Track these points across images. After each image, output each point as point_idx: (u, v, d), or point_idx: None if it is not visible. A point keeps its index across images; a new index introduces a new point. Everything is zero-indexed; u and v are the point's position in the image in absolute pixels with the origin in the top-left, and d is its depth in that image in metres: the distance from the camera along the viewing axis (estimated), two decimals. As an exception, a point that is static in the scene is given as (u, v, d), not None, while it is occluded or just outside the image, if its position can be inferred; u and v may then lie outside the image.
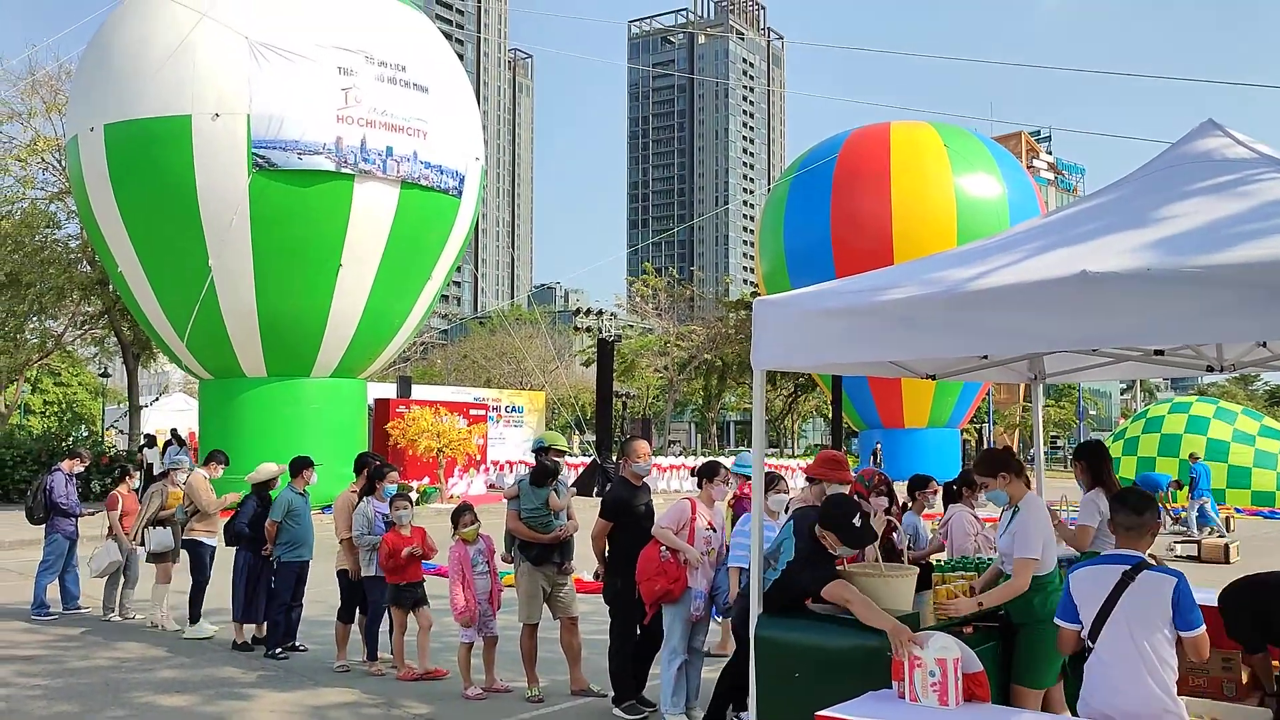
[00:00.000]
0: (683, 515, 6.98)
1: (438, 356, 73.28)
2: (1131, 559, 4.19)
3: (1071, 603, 4.31)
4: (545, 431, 13.96)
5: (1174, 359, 6.31)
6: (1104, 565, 4.26)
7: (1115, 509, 4.37)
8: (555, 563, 7.81)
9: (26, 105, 30.08)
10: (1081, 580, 4.30)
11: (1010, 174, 38.55)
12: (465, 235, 25.36)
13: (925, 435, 39.57)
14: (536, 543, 7.74)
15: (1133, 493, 4.43)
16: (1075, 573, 4.35)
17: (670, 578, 6.78)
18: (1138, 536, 4.26)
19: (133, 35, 22.07)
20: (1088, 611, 4.23)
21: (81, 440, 30.44)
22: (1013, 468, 5.60)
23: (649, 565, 6.84)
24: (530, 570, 7.76)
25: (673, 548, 6.84)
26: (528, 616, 7.73)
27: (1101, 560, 4.33)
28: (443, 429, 27.41)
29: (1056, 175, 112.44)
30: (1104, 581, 4.19)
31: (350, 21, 22.29)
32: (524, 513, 7.76)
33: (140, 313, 23.96)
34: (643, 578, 6.86)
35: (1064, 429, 75.04)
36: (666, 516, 7.05)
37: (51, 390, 55.51)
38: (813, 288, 5.26)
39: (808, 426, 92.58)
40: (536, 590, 7.75)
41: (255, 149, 21.12)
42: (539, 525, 7.73)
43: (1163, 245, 4.22)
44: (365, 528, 8.53)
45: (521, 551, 7.84)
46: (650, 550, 6.91)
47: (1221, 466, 25.63)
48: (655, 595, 6.83)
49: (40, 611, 11.03)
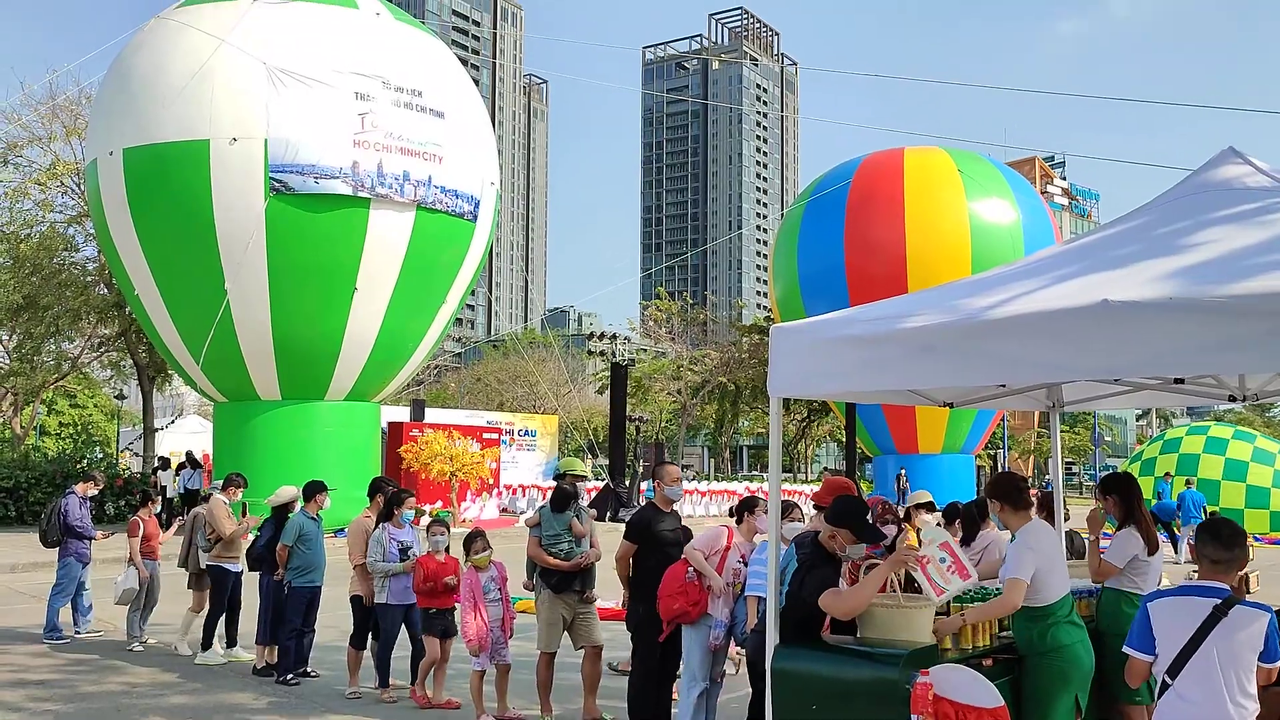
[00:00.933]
0: (717, 541, 6.90)
1: (451, 380, 73.38)
2: (1221, 592, 4.02)
3: (1149, 633, 4.11)
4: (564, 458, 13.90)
5: (1195, 387, 6.25)
6: (1191, 597, 4.07)
7: (1204, 541, 4.17)
8: (576, 590, 7.71)
9: (47, 130, 30.37)
10: (1164, 611, 4.10)
11: (1025, 199, 38.47)
12: (480, 259, 25.42)
13: (940, 461, 39.35)
14: (557, 570, 7.66)
15: (1225, 525, 4.24)
16: (1156, 602, 4.15)
17: (689, 599, 6.69)
18: (1225, 570, 4.10)
19: (152, 61, 22.28)
20: (1170, 644, 4.04)
21: (96, 463, 30.55)
22: (1011, 498, 5.50)
23: (672, 582, 6.78)
24: (551, 598, 7.67)
25: (699, 570, 6.76)
26: (546, 645, 7.65)
27: (1186, 591, 4.13)
28: (456, 453, 27.38)
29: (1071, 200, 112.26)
30: (1192, 614, 4.00)
31: (367, 47, 22.46)
32: (544, 539, 7.69)
33: (156, 335, 24.07)
34: (663, 593, 6.79)
35: (1079, 455, 74.56)
36: (701, 539, 6.98)
37: (67, 412, 55.77)
38: (830, 315, 5.23)
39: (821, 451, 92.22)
40: (556, 618, 7.66)
41: (272, 173, 21.25)
42: (560, 552, 7.64)
43: (1185, 274, 4.18)
44: (380, 554, 8.45)
45: (542, 579, 7.76)
46: (677, 567, 6.82)
47: (1240, 486, 25.53)
48: (672, 614, 6.76)
49: (53, 635, 11.00)
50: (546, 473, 37.06)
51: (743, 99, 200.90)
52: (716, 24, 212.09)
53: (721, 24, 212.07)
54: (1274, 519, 25.41)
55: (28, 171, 30.14)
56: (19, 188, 29.80)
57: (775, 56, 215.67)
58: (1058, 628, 5.27)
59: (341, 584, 9.51)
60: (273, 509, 9.62)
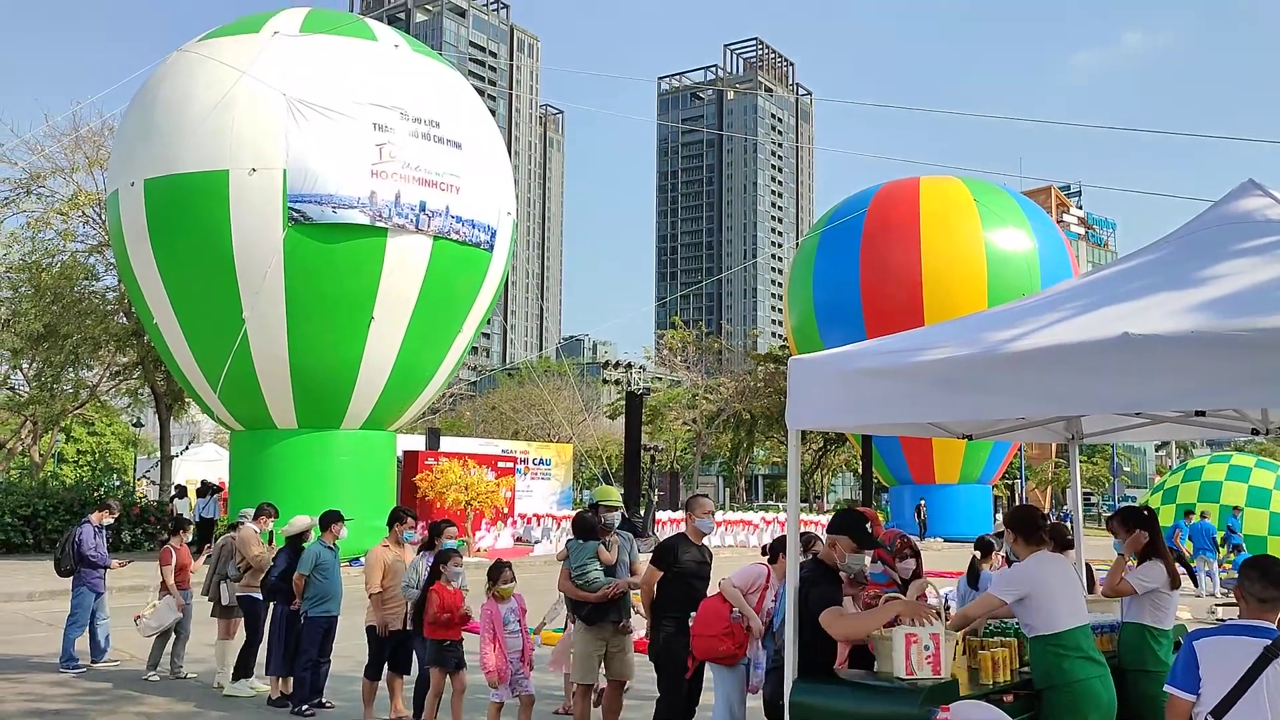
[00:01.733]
0: (756, 580, 6.78)
1: (466, 408, 73.46)
2: (1270, 632, 3.94)
3: (1195, 672, 4.01)
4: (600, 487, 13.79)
5: (1216, 420, 6.20)
6: (1239, 637, 3.98)
7: (1249, 578, 4.08)
8: (612, 621, 7.57)
9: (70, 160, 30.69)
10: (1213, 650, 4.00)
11: (1041, 228, 38.46)
12: (496, 289, 25.52)
13: (957, 491, 39.14)
14: (585, 601, 7.57)
15: (1275, 562, 4.16)
16: (1203, 640, 4.05)
17: (736, 642, 6.55)
18: (1273, 608, 4.01)
19: (174, 93, 22.54)
20: (1217, 685, 3.94)
21: (113, 490, 30.65)
22: (1025, 531, 5.47)
23: (717, 622, 6.59)
24: (584, 630, 7.58)
25: (742, 611, 6.62)
26: (581, 677, 7.56)
27: (1233, 630, 4.05)
28: (471, 481, 27.37)
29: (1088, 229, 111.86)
30: (1242, 655, 3.91)
31: (386, 79, 22.68)
32: (573, 570, 7.61)
33: (174, 363, 24.21)
34: (706, 632, 6.60)
35: (1098, 485, 73.98)
36: (739, 575, 6.83)
37: (85, 440, 56.06)
38: (848, 347, 5.22)
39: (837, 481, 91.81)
40: (590, 650, 7.54)
41: (290, 203, 21.42)
42: (584, 583, 7.58)
43: (1206, 307, 4.16)
44: (415, 580, 8.26)
45: (574, 611, 7.69)
46: (721, 607, 6.66)
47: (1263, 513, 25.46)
48: (716, 655, 6.59)
49: (69, 664, 10.97)
50: (562, 502, 37.00)
51: (757, 128, 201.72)
52: (731, 54, 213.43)
53: (736, 54, 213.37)
54: None
55: (50, 202, 30.46)
56: (41, 217, 30.11)
57: (790, 86, 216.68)
58: (1071, 660, 5.19)
59: (358, 613, 9.47)
60: (287, 539, 9.59)
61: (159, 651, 10.68)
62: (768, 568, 6.88)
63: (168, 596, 10.57)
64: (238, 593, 10.09)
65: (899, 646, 4.86)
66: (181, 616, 10.63)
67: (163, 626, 10.51)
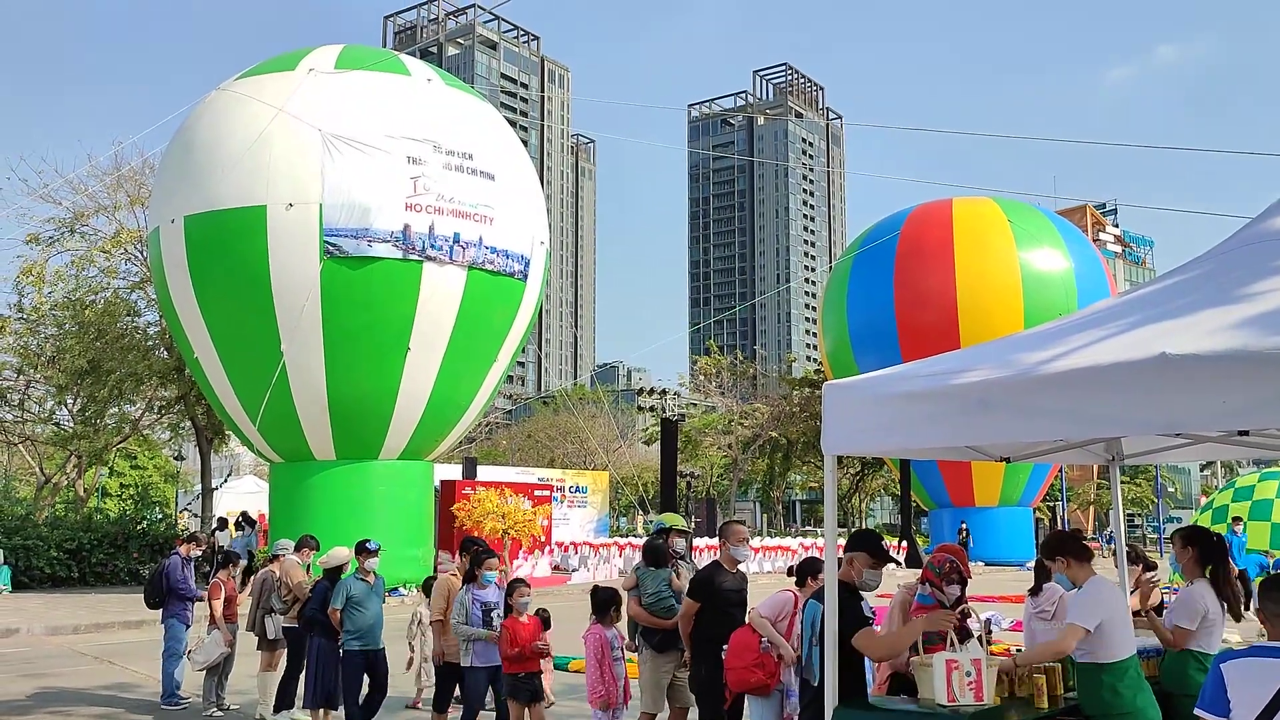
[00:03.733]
0: (784, 608, 6.71)
1: (502, 437, 73.70)
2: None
3: (1224, 695, 3.95)
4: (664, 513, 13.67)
5: (1259, 440, 6.12)
6: (1267, 659, 3.92)
7: (1270, 595, 4.04)
8: (680, 649, 7.48)
9: (112, 199, 31.30)
10: (1240, 672, 3.94)
11: (1076, 247, 38.15)
12: (530, 317, 25.67)
13: (997, 514, 38.71)
14: (660, 629, 7.49)
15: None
16: (1230, 663, 4.00)
17: (768, 671, 6.49)
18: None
19: (212, 131, 22.97)
20: (1247, 709, 3.87)
21: (155, 524, 31.00)
22: (1072, 550, 5.42)
23: (747, 653, 6.54)
24: (654, 657, 7.51)
25: (771, 641, 6.57)
26: (650, 706, 7.49)
27: (1260, 652, 3.98)
28: (508, 510, 27.41)
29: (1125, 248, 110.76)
30: (1271, 676, 3.85)
31: (419, 113, 22.99)
32: (646, 597, 7.53)
33: (214, 397, 24.52)
34: (738, 663, 6.55)
35: (1141, 507, 72.86)
36: (766, 605, 6.77)
37: (128, 474, 56.77)
38: (883, 371, 5.21)
39: (875, 505, 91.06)
40: (660, 679, 7.48)
41: (327, 237, 21.70)
42: (662, 610, 7.49)
43: (1245, 325, 4.12)
44: (463, 616, 8.16)
45: (644, 639, 7.60)
46: (750, 637, 6.61)
47: None
48: (749, 686, 6.52)
49: (170, 700, 10.84)
50: (599, 529, 36.95)
51: (788, 153, 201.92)
52: (761, 80, 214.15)
53: (766, 80, 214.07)
54: None
55: (93, 240, 31.07)
56: (85, 255, 30.70)
57: (820, 111, 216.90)
58: (1130, 688, 5.14)
59: (397, 643, 9.40)
60: (325, 570, 9.49)
61: (211, 686, 10.64)
62: (794, 593, 6.81)
63: (215, 631, 10.50)
64: (283, 624, 10.09)
65: (940, 673, 4.82)
66: (230, 651, 10.59)
67: (210, 661, 10.45)
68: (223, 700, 10.69)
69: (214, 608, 10.56)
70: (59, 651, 15.27)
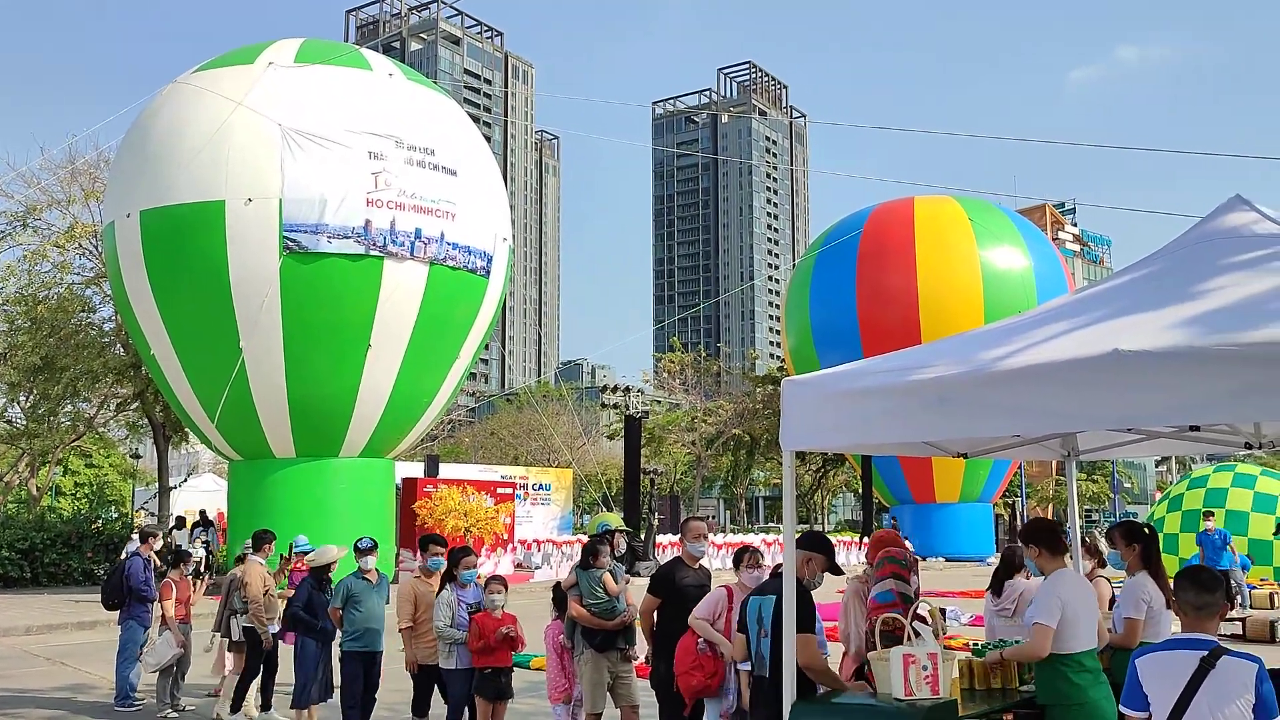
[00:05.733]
0: (718, 604, 6.69)
1: (465, 434, 73.34)
2: (1207, 643, 3.96)
3: (1140, 690, 4.05)
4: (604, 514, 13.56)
5: (1210, 435, 6.22)
6: (1177, 651, 4.02)
7: (1183, 587, 4.12)
8: (620, 649, 7.55)
9: (66, 193, 30.77)
10: (1152, 666, 4.05)
11: (1035, 246, 38.59)
12: (493, 314, 25.55)
13: (958, 510, 39.08)
14: (601, 629, 7.50)
15: (1203, 570, 4.20)
16: (1143, 658, 4.10)
17: (706, 672, 6.50)
18: (1208, 617, 4.04)
19: (169, 124, 22.65)
20: (1162, 701, 3.97)
21: (111, 523, 30.53)
22: (1045, 541, 5.49)
23: (685, 657, 6.57)
24: (594, 658, 7.52)
25: (710, 640, 6.56)
26: (592, 706, 7.50)
27: (1172, 645, 4.09)
28: (470, 508, 27.31)
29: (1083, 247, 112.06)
30: (1180, 668, 3.94)
31: (380, 107, 22.80)
32: (586, 598, 7.54)
33: (172, 395, 24.20)
34: (680, 670, 6.59)
35: (1099, 503, 73.89)
36: (702, 606, 6.76)
37: (83, 472, 55.91)
38: (841, 367, 5.23)
39: (837, 502, 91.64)
40: (601, 678, 7.50)
41: (286, 232, 21.48)
42: (603, 611, 7.51)
43: (1196, 322, 4.18)
44: (448, 618, 7.92)
45: (585, 638, 7.60)
46: (687, 640, 6.63)
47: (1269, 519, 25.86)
48: (693, 690, 6.53)
49: (124, 702, 10.62)
50: (562, 527, 36.88)
51: (752, 151, 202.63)
52: (725, 78, 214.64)
53: (730, 78, 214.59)
54: None
55: (46, 235, 30.51)
56: (38, 250, 30.13)
57: (784, 109, 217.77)
58: (1083, 679, 5.21)
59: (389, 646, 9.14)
60: (312, 569, 9.28)
61: (165, 687, 10.48)
62: (729, 589, 6.79)
63: (167, 632, 10.32)
64: (243, 625, 9.96)
65: (897, 667, 4.86)
66: (182, 652, 10.41)
67: (163, 662, 10.27)
68: (178, 701, 10.53)
69: (165, 608, 10.37)
70: (10, 653, 14.99)
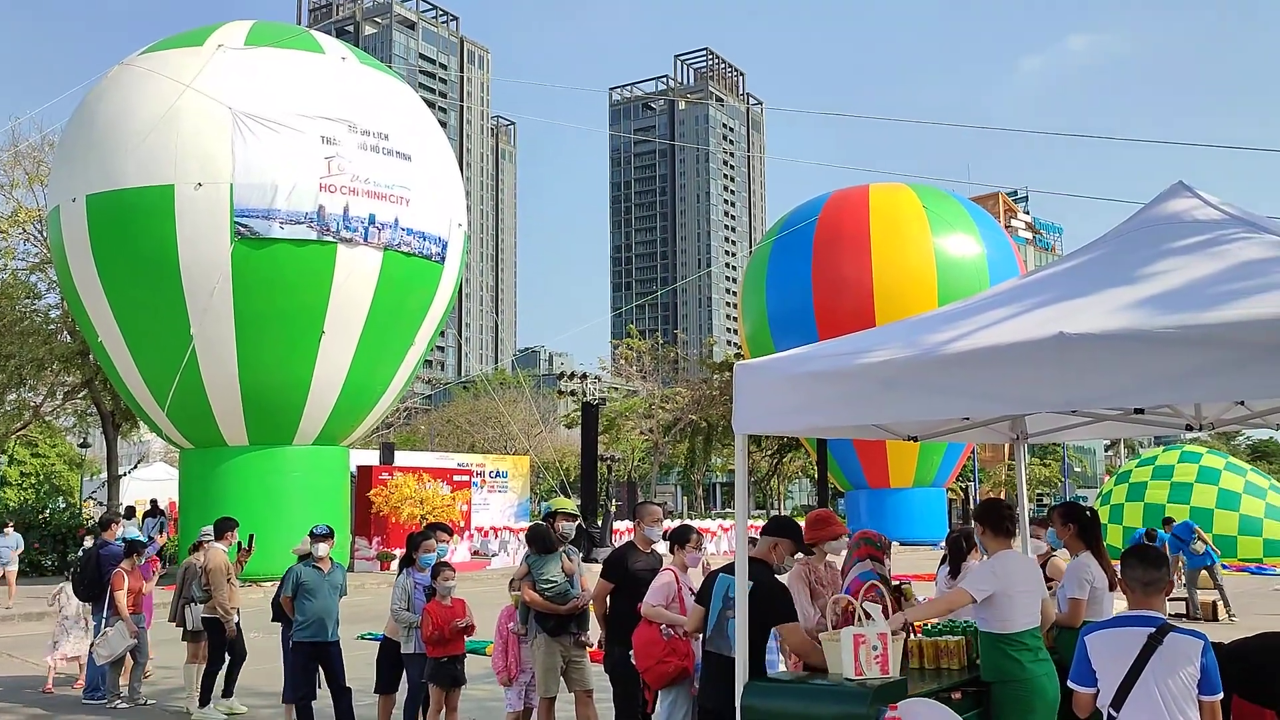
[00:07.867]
0: (669, 589, 6.67)
1: (421, 422, 72.90)
2: (1154, 620, 4.03)
3: (1089, 666, 4.13)
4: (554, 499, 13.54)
5: (1153, 418, 6.33)
6: (1125, 628, 4.08)
7: (1130, 565, 4.19)
8: (572, 634, 7.55)
9: (9, 177, 30.14)
10: (1100, 642, 4.12)
11: (989, 234, 39.01)
12: (448, 301, 25.40)
13: (911, 495, 39.49)
14: (554, 614, 7.48)
15: (1149, 548, 4.29)
16: (1092, 635, 4.18)
17: (681, 654, 6.41)
18: (1155, 593, 4.13)
19: (116, 107, 22.23)
20: (1110, 677, 4.04)
21: (59, 513, 30.04)
22: (990, 522, 5.61)
23: (654, 648, 6.43)
24: (547, 642, 7.50)
25: (671, 624, 6.52)
26: (545, 690, 7.49)
27: (1120, 622, 4.15)
28: (426, 495, 27.20)
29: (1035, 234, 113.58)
30: (1127, 644, 4.01)
31: (333, 91, 22.53)
32: (541, 584, 7.51)
33: (121, 383, 23.82)
34: (650, 661, 6.43)
35: (1050, 487, 75.03)
36: (654, 593, 6.69)
37: (29, 461, 54.88)
38: (793, 351, 5.27)
39: (794, 487, 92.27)
40: (554, 663, 7.48)
41: (238, 218, 21.19)
42: (557, 596, 7.49)
43: (1139, 306, 4.25)
44: (404, 602, 7.93)
45: (538, 623, 7.58)
46: (649, 632, 6.50)
47: (1233, 515, 26.55)
48: (670, 677, 6.42)
49: (93, 695, 10.51)
50: (519, 514, 36.81)
51: (709, 138, 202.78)
52: (682, 65, 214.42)
53: (687, 65, 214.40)
54: (1267, 546, 26.63)
55: (-11, 219, 29.85)
56: (-20, 235, 29.50)
57: (741, 96, 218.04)
58: (1024, 657, 5.35)
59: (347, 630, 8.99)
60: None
61: (115, 679, 10.33)
62: (673, 570, 6.78)
63: (120, 623, 10.12)
64: (202, 615, 9.85)
65: (847, 647, 4.91)
66: (135, 643, 10.26)
67: (114, 654, 10.11)
68: (138, 693, 10.42)
69: (117, 599, 10.18)
70: (-45, 646, 14.71)
